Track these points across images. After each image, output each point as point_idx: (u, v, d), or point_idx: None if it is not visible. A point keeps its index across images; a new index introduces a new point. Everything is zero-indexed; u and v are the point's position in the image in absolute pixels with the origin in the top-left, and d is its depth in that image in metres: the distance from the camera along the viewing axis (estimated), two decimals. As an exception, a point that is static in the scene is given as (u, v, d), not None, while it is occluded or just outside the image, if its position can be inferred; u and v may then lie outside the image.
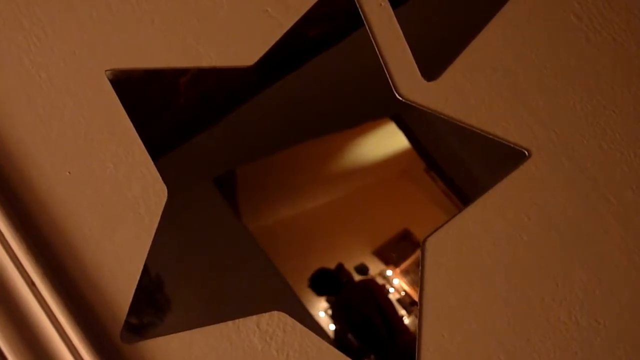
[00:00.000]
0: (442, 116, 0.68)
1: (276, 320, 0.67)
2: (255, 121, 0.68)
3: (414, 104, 0.68)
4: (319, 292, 0.68)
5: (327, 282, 0.68)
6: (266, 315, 0.67)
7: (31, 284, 0.61)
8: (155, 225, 0.65)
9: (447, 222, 0.68)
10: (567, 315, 0.68)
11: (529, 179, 0.68)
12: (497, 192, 0.68)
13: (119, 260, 0.64)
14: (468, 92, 0.69)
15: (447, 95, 0.69)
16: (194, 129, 0.67)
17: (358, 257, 0.69)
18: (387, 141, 0.69)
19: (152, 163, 0.65)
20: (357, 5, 0.68)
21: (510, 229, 0.68)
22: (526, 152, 0.68)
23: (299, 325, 0.66)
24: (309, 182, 0.69)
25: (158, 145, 0.66)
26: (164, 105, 0.67)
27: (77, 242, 0.64)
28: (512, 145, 0.68)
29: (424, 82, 0.69)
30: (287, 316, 0.67)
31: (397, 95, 0.68)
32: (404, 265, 0.69)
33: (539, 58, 0.69)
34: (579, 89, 0.69)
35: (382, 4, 0.69)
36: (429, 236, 0.68)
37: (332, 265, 0.68)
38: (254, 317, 0.66)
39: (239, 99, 0.68)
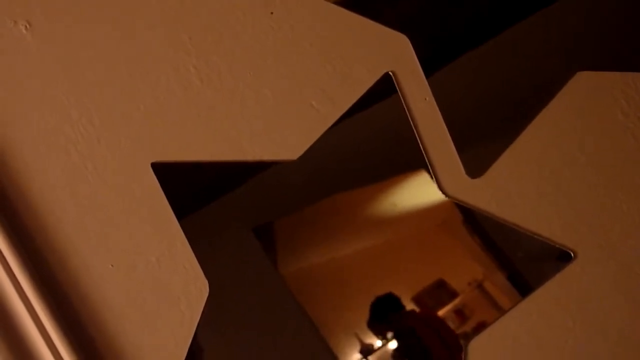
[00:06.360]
0: (487, 214, 0.67)
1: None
2: (294, 173, 0.68)
3: (458, 202, 0.68)
4: (377, 316, 0.68)
5: (388, 307, 0.68)
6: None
7: (70, 381, 0.61)
8: (196, 321, 0.64)
9: (490, 325, 0.66)
10: (612, 423, 0.66)
11: (574, 280, 0.67)
12: (541, 294, 0.67)
13: (158, 357, 0.63)
14: (513, 190, 0.68)
15: (491, 193, 0.68)
16: (231, 184, 0.69)
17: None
18: (426, 192, 0.69)
19: (194, 258, 0.64)
20: (402, 100, 0.68)
21: (554, 333, 0.66)
22: (572, 253, 0.67)
23: None
24: (346, 231, 0.70)
25: (190, 203, 0.68)
26: (199, 172, 0.68)
27: (117, 337, 0.63)
28: (557, 246, 0.67)
29: (469, 179, 0.68)
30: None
31: (441, 192, 0.67)
32: (441, 313, 0.69)
33: (585, 156, 0.69)
34: (626, 188, 0.68)
35: (427, 98, 0.68)
36: (472, 339, 0.66)
37: (365, 311, 0.68)
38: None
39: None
